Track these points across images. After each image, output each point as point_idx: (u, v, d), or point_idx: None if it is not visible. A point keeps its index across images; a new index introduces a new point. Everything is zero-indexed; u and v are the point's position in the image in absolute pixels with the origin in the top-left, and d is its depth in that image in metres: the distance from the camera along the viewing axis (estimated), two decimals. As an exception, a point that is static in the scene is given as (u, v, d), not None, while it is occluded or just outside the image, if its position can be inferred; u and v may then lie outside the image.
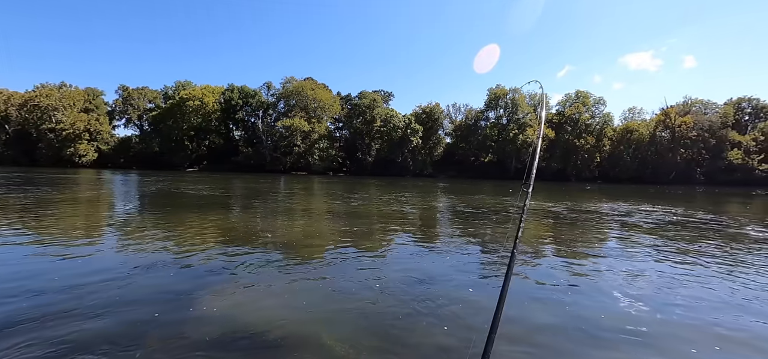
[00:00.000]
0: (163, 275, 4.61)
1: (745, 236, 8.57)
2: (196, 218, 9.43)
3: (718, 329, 3.39)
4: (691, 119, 51.48)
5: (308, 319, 3.43)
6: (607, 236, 8.58)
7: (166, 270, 4.83)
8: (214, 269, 4.92)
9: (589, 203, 16.59)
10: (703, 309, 3.89)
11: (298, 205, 13.61)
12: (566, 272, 5.21)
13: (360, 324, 3.35)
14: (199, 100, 57.76)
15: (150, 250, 5.85)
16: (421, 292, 4.19)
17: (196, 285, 4.25)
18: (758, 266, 5.75)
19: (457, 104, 67.49)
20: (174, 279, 4.49)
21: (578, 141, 54.91)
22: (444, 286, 4.44)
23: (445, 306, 3.79)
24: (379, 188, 24.99)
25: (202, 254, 5.64)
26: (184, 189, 19.38)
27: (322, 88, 62.18)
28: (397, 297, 4.01)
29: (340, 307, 3.73)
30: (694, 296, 4.29)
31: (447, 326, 3.31)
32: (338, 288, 4.26)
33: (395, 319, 3.44)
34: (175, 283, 4.33)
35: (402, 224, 9.19)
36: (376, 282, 4.52)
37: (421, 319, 3.45)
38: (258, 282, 4.44)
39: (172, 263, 5.17)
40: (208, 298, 3.85)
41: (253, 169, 54.94)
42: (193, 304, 3.67)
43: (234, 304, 3.73)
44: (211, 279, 4.53)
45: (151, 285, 4.24)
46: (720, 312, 3.79)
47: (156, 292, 4.00)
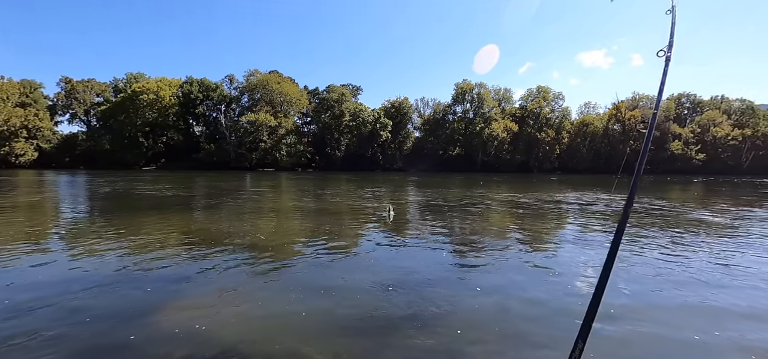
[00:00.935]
0: (120, 287, 4.21)
1: (691, 219, 9.35)
2: (155, 221, 8.79)
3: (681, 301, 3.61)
4: (639, 113, 55.57)
5: (282, 328, 3.25)
6: (583, 224, 9.00)
7: (123, 281, 4.42)
8: (176, 277, 4.57)
9: (557, 194, 17.38)
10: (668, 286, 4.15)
11: (265, 203, 13.12)
12: (549, 259, 5.37)
13: (339, 330, 3.23)
14: (154, 93, 54.11)
15: (104, 259, 5.34)
16: (402, 292, 4.13)
17: (156, 297, 3.91)
18: (699, 244, 6.25)
19: (426, 98, 68.37)
20: (132, 291, 4.12)
21: (539, 134, 57.55)
22: (424, 285, 4.40)
23: (426, 307, 3.75)
24: (350, 183, 24.75)
25: (163, 261, 5.23)
26: (140, 190, 18.09)
27: (288, 81, 60.42)
28: (377, 298, 3.92)
29: (318, 314, 3.57)
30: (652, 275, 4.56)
31: (430, 327, 3.27)
32: (314, 292, 4.10)
33: (377, 322, 3.35)
34: (133, 296, 3.96)
35: (376, 221, 9.11)
36: (353, 284, 4.40)
37: (403, 322, 3.38)
38: (225, 289, 4.17)
39: (129, 273, 4.75)
40: (169, 311, 3.55)
41: (216, 166, 52.50)
42: (153, 318, 3.37)
43: (198, 317, 3.47)
44: (173, 288, 4.20)
45: (105, 299, 3.85)
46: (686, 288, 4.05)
47: (111, 308, 3.63)
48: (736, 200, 15.10)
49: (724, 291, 4.19)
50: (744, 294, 4.14)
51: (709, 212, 11.00)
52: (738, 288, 4.33)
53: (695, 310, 3.69)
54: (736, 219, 9.58)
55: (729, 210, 11.40)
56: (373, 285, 4.33)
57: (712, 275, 4.79)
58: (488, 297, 3.97)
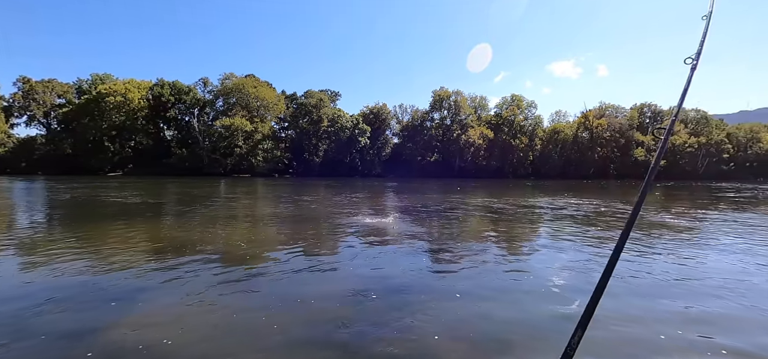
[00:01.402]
0: (79, 301, 3.94)
1: (654, 221, 9.87)
2: (120, 230, 8.34)
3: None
4: (606, 121, 58.42)
5: (253, 341, 3.15)
6: (557, 228, 9.29)
7: (83, 295, 4.15)
8: (142, 289, 4.34)
9: (532, 199, 17.90)
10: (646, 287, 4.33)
11: (240, 210, 12.75)
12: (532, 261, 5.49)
13: (313, 341, 3.15)
14: (121, 95, 51.70)
15: (62, 272, 5.00)
16: (379, 300, 4.10)
17: (119, 311, 3.69)
18: (661, 246, 6.61)
19: (404, 104, 68.95)
20: (92, 305, 3.87)
21: (514, 141, 59.31)
22: (402, 292, 4.39)
23: (403, 314, 3.73)
24: (329, 189, 24.50)
25: (128, 273, 4.95)
26: (105, 197, 17.15)
27: (265, 86, 59.39)
28: (354, 306, 3.87)
29: (292, 325, 3.48)
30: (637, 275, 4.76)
31: (408, 334, 3.26)
32: (289, 302, 4.00)
33: (354, 331, 3.30)
34: (93, 311, 3.72)
35: (353, 228, 9.04)
36: (329, 292, 4.33)
37: (380, 329, 3.35)
38: (194, 301, 4.00)
39: (90, 286, 4.46)
40: (133, 325, 3.36)
41: (188, 172, 50.63)
42: (115, 334, 3.17)
43: (165, 331, 3.30)
44: (139, 301, 3.98)
45: (63, 315, 3.59)
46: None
47: (69, 324, 3.39)
48: (693, 203, 16.10)
49: (684, 290, 4.43)
50: (698, 293, 4.39)
51: (672, 215, 11.66)
52: (695, 287, 4.59)
53: (661, 311, 3.87)
54: (696, 221, 10.21)
55: (688, 213, 12.13)
56: (350, 292, 4.28)
57: (674, 275, 5.06)
58: (467, 302, 4.00)
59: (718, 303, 4.06)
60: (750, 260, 5.91)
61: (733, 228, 9.15)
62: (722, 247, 6.94)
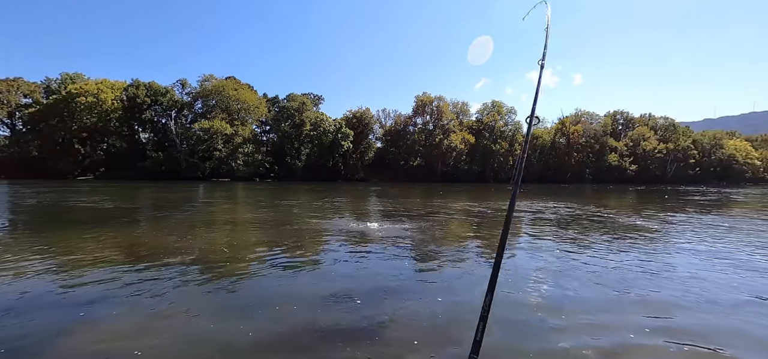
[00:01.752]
0: (45, 312, 3.75)
1: (627, 225, 10.29)
2: (91, 236, 7.98)
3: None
4: (581, 127, 60.51)
5: (227, 350, 3.08)
6: (537, 231, 9.51)
7: (49, 305, 3.95)
8: (114, 297, 4.17)
9: (519, 202, 18.28)
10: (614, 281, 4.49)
11: (219, 215, 12.45)
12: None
13: (290, 349, 3.12)
14: (93, 96, 49.61)
15: (26, 281, 4.74)
16: (360, 305, 4.09)
17: (89, 322, 3.54)
18: (635, 246, 6.90)
19: (387, 109, 69.19)
20: (59, 316, 3.69)
21: (494, 146, 60.53)
22: (383, 297, 4.39)
23: (384, 319, 3.74)
24: (311, 193, 24.26)
25: (97, 280, 4.75)
26: (75, 201, 16.39)
27: (246, 88, 58.34)
28: (335, 313, 3.85)
29: (270, 333, 3.43)
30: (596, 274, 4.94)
31: (387, 339, 3.26)
32: (268, 308, 3.93)
33: (335, 337, 3.28)
34: (60, 322, 3.55)
35: (336, 233, 8.99)
36: (309, 299, 4.29)
37: (361, 334, 3.35)
38: (169, 310, 3.88)
39: (57, 295, 4.25)
40: (103, 336, 3.23)
41: (165, 176, 49.01)
42: (84, 347, 3.03)
43: (137, 342, 3.18)
44: (110, 310, 3.82)
45: (26, 328, 3.41)
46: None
47: (34, 337, 3.22)
48: (663, 206, 16.86)
49: (656, 284, 4.64)
50: (665, 285, 4.60)
51: (644, 217, 12.17)
52: (664, 282, 4.81)
53: (632, 303, 4.03)
54: (665, 223, 10.70)
55: (657, 216, 12.70)
56: (330, 298, 4.25)
57: (644, 271, 5.29)
58: (448, 305, 4.05)
59: (677, 293, 4.28)
60: (710, 256, 6.24)
61: (703, 227, 9.64)
62: (691, 245, 7.30)
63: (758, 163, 62.87)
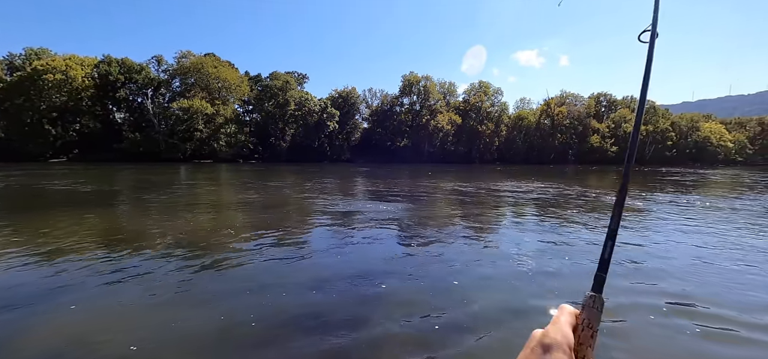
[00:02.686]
0: (16, 299, 3.42)
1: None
2: (65, 220, 7.51)
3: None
4: (566, 109, 61.26)
5: (201, 341, 2.86)
6: (522, 211, 9.52)
7: (20, 294, 3.60)
8: (89, 283, 3.87)
9: (501, 183, 18.37)
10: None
11: (202, 198, 11.99)
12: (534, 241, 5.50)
13: (270, 337, 2.92)
14: (62, 73, 46.77)
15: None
16: (352, 291, 3.91)
17: (59, 310, 3.24)
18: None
19: (373, 89, 68.18)
20: (30, 304, 3.36)
21: (481, 127, 60.75)
22: (372, 279, 4.23)
23: (377, 305, 3.58)
24: (297, 174, 23.79)
25: (73, 265, 4.41)
26: (47, 185, 15.51)
27: (226, 66, 56.16)
28: (321, 298, 3.66)
29: (258, 323, 3.21)
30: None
31: (372, 320, 3.10)
32: (255, 297, 3.71)
33: (320, 321, 3.10)
34: (29, 312, 3.23)
35: (322, 214, 8.75)
36: (293, 284, 4.09)
37: (340, 318, 3.17)
38: (149, 299, 3.61)
39: (30, 283, 3.90)
40: (75, 327, 2.94)
41: (143, 158, 47.25)
42: (54, 338, 2.75)
43: (112, 329, 2.92)
44: (86, 293, 3.52)
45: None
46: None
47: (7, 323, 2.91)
48: (644, 186, 17.29)
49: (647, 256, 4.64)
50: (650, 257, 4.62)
51: (631, 197, 12.38)
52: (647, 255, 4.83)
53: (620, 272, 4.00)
54: (649, 202, 10.92)
55: (641, 195, 12.98)
56: (322, 283, 4.06)
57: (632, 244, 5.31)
58: (432, 283, 3.93)
59: (665, 263, 4.31)
60: (692, 233, 6.35)
61: (685, 206, 9.88)
62: (678, 223, 7.43)
63: (731, 145, 65.34)
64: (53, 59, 48.44)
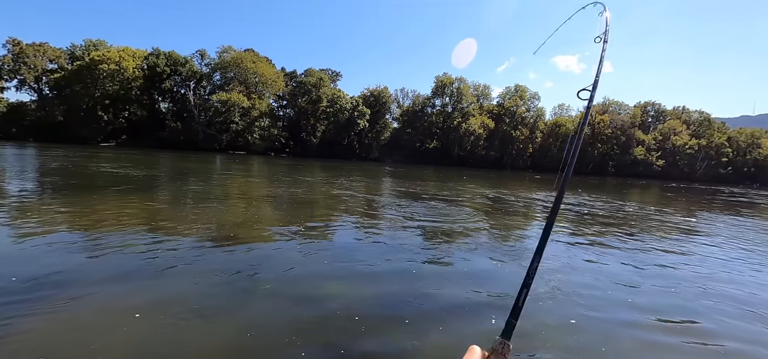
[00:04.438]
0: (65, 269, 3.50)
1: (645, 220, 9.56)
2: (113, 202, 7.89)
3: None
4: (608, 117, 57.92)
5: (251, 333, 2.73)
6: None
7: (68, 270, 3.70)
8: (132, 263, 3.91)
9: (536, 192, 17.55)
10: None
11: (234, 189, 12.26)
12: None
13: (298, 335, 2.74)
14: (115, 63, 50.18)
15: (50, 241, 4.56)
16: (382, 295, 3.69)
17: (121, 288, 3.26)
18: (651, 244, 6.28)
19: (405, 89, 67.87)
20: (70, 275, 3.42)
21: (514, 132, 58.74)
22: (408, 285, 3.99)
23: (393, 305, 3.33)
24: (327, 171, 24.01)
25: (117, 246, 4.51)
26: (97, 167, 16.57)
27: (264, 61, 57.98)
28: (349, 300, 3.46)
29: (290, 315, 3.06)
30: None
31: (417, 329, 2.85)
32: (287, 287, 3.58)
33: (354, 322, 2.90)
34: (73, 281, 3.27)
35: (349, 212, 8.62)
36: (322, 280, 3.92)
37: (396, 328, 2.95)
38: (184, 288, 3.57)
39: (68, 260, 4.01)
40: (112, 297, 2.93)
41: (183, 146, 49.73)
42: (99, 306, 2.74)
43: (158, 319, 2.87)
44: (134, 274, 3.55)
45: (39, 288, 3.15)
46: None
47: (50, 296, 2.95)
48: (692, 206, 15.85)
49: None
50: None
51: (680, 216, 11.35)
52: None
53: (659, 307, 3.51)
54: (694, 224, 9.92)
55: (687, 215, 11.85)
56: (359, 288, 3.87)
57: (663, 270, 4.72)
58: (453, 292, 3.62)
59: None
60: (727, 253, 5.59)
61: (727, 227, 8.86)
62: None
63: (796, 164, 59.12)
64: (108, 51, 52.08)
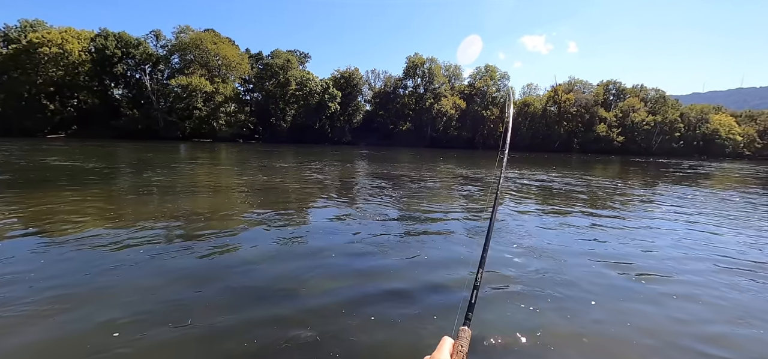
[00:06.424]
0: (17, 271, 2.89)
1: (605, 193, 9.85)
2: (67, 197, 7.17)
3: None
4: (573, 96, 59.93)
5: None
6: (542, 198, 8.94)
7: (20, 272, 3.08)
8: (91, 261, 3.40)
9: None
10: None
11: (201, 178, 11.43)
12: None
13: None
14: (58, 46, 45.72)
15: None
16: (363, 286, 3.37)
17: (63, 285, 2.72)
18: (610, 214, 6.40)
19: (377, 70, 66.78)
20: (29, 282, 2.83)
21: (485, 112, 59.65)
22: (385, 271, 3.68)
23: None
24: (298, 156, 23.18)
25: (76, 245, 3.97)
26: (46, 161, 15.02)
27: (226, 42, 54.84)
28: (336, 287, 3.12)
29: (259, 305, 2.68)
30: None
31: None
32: (257, 279, 3.18)
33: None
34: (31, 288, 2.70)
35: (323, 197, 8.20)
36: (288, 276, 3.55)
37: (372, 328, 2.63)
38: (139, 277, 3.08)
39: (26, 257, 3.38)
40: (75, 300, 2.42)
41: (142, 135, 46.61)
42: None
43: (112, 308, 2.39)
44: (84, 273, 3.04)
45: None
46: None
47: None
48: (650, 177, 16.66)
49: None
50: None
51: (630, 186, 11.79)
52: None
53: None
54: (647, 194, 10.34)
55: (642, 186, 12.37)
56: (330, 275, 3.52)
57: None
58: (429, 271, 3.40)
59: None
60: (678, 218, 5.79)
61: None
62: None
63: (739, 138, 63.85)
64: (49, 32, 47.30)
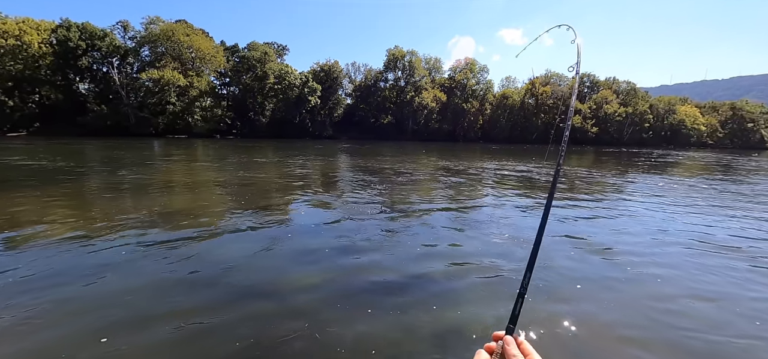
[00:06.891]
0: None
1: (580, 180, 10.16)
2: (32, 199, 6.69)
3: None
4: (550, 89, 61.41)
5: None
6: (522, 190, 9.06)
7: None
8: (63, 265, 3.14)
9: (491, 162, 17.96)
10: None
11: (177, 176, 10.96)
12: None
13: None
14: (15, 38, 42.77)
15: None
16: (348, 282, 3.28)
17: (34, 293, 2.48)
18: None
19: (357, 63, 66.14)
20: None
21: (465, 105, 60.28)
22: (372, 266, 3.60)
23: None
24: (278, 151, 22.67)
25: (43, 248, 3.71)
26: (7, 160, 14.09)
27: (200, 34, 52.80)
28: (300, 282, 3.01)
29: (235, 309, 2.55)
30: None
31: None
32: (233, 282, 3.03)
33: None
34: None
35: (301, 193, 8.02)
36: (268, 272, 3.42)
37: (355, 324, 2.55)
38: (115, 281, 2.87)
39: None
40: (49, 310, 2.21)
41: (111, 132, 44.46)
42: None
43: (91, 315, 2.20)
44: (54, 280, 2.80)
45: None
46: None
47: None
48: (623, 166, 17.30)
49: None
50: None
51: (603, 173, 12.20)
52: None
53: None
54: (622, 181, 10.73)
55: (615, 173, 12.83)
56: (294, 263, 3.40)
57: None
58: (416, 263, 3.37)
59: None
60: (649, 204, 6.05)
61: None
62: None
63: (703, 128, 67.41)
64: (4, 23, 44.15)
